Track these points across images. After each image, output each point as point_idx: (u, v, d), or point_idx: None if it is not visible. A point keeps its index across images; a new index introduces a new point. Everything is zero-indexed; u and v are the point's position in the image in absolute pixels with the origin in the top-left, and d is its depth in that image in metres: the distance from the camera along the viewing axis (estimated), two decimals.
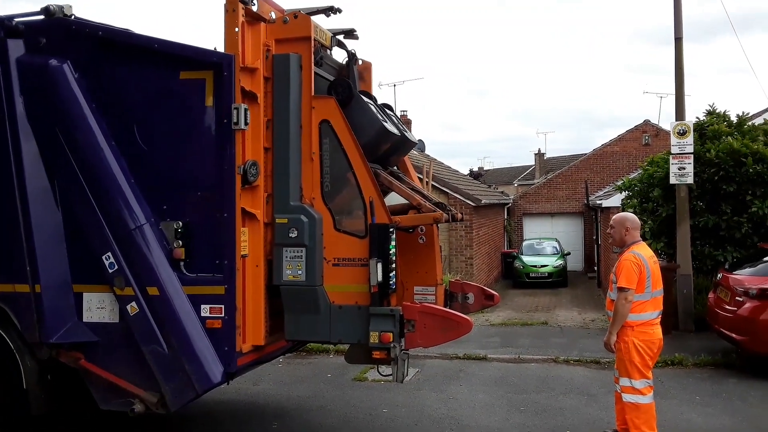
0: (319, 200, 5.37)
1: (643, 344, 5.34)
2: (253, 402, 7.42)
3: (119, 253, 5.06)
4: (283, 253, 5.27)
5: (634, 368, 5.33)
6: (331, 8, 5.87)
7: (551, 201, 31.05)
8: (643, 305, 5.39)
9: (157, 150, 5.24)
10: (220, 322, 5.04)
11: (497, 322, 12.75)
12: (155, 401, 5.09)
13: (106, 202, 5.12)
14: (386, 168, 6.12)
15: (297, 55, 5.36)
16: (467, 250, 19.03)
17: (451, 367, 8.90)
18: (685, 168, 10.60)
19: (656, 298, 5.45)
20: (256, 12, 5.29)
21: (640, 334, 5.34)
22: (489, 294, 6.69)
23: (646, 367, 5.34)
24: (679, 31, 11.18)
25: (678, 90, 11.28)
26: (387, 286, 5.22)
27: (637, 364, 5.32)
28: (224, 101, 5.05)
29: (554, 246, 25.87)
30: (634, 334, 5.34)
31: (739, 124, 11.81)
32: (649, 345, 5.37)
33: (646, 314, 5.39)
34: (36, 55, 5.30)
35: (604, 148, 31.14)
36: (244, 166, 5.09)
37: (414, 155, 23.39)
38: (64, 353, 5.27)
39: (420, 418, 6.70)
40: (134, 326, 5.06)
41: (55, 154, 5.22)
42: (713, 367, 8.62)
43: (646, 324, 5.39)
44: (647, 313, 5.39)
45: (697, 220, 11.01)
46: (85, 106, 5.22)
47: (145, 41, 5.28)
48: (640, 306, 5.37)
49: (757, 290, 8.01)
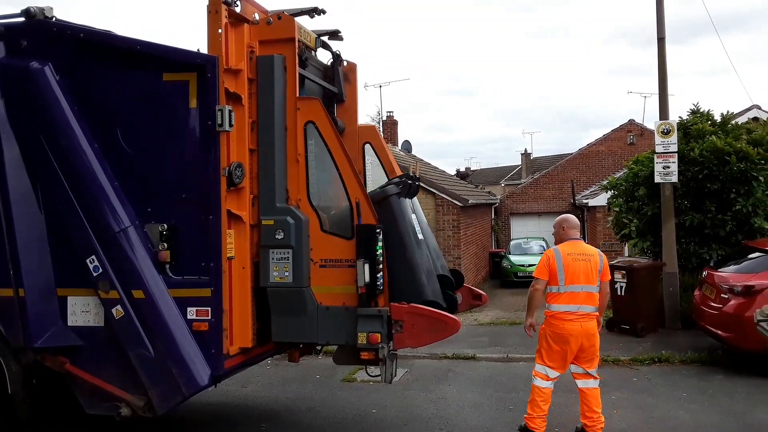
0: (305, 201, 5.36)
1: (551, 335, 5.68)
2: (241, 404, 7.38)
3: (103, 256, 5.02)
4: (270, 255, 5.26)
5: (538, 353, 5.81)
6: (315, 9, 5.88)
7: (538, 200, 31.17)
8: (557, 297, 5.66)
9: (140, 152, 5.21)
10: (206, 325, 5.02)
11: (485, 322, 12.76)
12: (142, 405, 5.06)
13: (89, 205, 5.08)
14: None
15: (281, 57, 5.35)
16: (455, 250, 19.05)
17: (439, 367, 8.90)
18: (669, 167, 10.67)
19: (572, 293, 5.62)
20: (239, 13, 5.27)
21: (549, 326, 5.70)
22: (477, 294, 6.70)
23: (548, 356, 5.71)
24: (661, 32, 11.25)
25: (661, 90, 11.34)
26: (374, 286, 5.21)
27: (542, 350, 5.77)
28: (208, 103, 5.02)
29: (541, 245, 25.94)
30: (546, 323, 5.74)
31: (722, 123, 11.89)
32: (555, 338, 5.65)
33: (558, 306, 5.65)
34: (17, 58, 5.25)
35: (590, 147, 31.31)
36: (229, 167, 5.07)
37: (401, 156, 23.40)
38: (49, 358, 5.23)
39: (409, 419, 6.69)
40: (120, 330, 5.03)
41: (38, 157, 5.17)
42: (700, 364, 8.68)
43: (556, 316, 5.65)
44: (559, 305, 5.64)
45: (682, 218, 11.08)
46: (67, 108, 5.19)
47: (128, 43, 5.25)
48: (554, 297, 5.68)
49: (741, 287, 8.07)
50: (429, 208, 18.65)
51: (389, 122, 28.46)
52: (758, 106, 18.08)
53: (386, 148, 6.79)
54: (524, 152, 44.56)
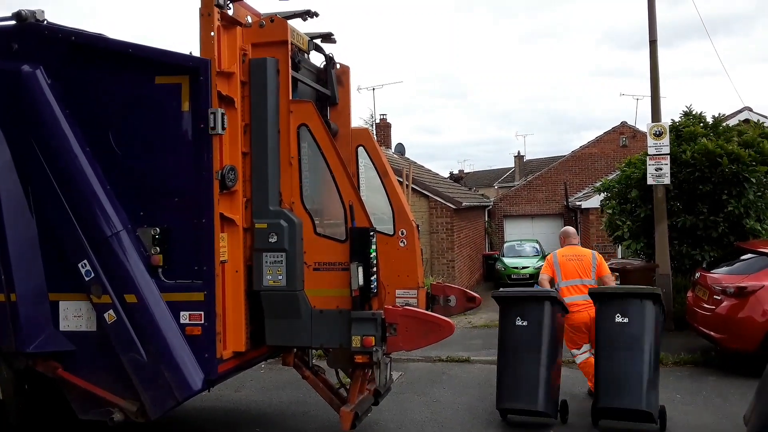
0: (298, 205, 5.35)
1: (567, 324, 6.86)
2: (235, 408, 7.35)
3: (95, 261, 5.00)
4: (263, 259, 5.24)
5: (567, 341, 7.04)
6: (308, 12, 5.86)
7: (531, 203, 31.25)
8: (562, 292, 6.91)
9: (133, 156, 5.19)
10: (199, 329, 5.00)
11: (480, 324, 12.74)
12: (135, 410, 5.04)
13: (81, 209, 5.05)
14: None
15: (274, 59, 5.34)
16: (448, 252, 19.07)
17: (434, 369, 8.89)
18: (661, 169, 10.70)
19: (569, 287, 6.98)
20: (231, 16, 5.26)
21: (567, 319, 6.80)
22: (471, 296, 6.70)
23: (569, 341, 7.04)
24: (653, 34, 11.29)
25: (653, 92, 11.37)
26: (368, 289, 5.20)
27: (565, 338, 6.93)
28: (201, 106, 5.01)
29: (535, 247, 25.99)
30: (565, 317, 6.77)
31: (714, 126, 11.94)
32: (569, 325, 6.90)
33: (566, 299, 6.80)
34: (8, 61, 5.23)
35: (583, 150, 31.41)
36: (222, 171, 5.06)
37: (394, 159, 23.41)
38: (41, 363, 5.20)
39: (403, 422, 6.68)
40: (112, 334, 5.00)
41: (29, 161, 5.15)
42: (693, 365, 8.69)
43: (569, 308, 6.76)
44: (565, 297, 6.82)
45: (675, 220, 11.12)
46: (59, 112, 5.16)
47: (119, 46, 5.23)
48: (560, 292, 6.86)
49: (734, 288, 8.10)
50: (422, 210, 18.66)
51: (382, 125, 28.48)
52: (749, 108, 18.16)
53: (379, 150, 6.78)
54: (517, 154, 44.65)
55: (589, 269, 6.97)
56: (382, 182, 6.35)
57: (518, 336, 6.30)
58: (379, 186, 6.30)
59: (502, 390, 6.35)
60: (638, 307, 6.11)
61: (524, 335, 6.26)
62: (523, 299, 6.51)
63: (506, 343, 6.42)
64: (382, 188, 6.28)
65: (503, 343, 6.47)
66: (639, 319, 6.07)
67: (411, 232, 6.18)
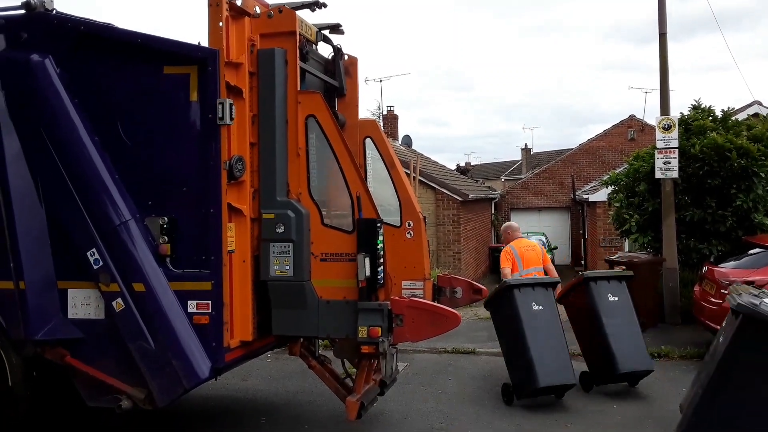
0: (306, 195, 5.36)
1: None
2: (241, 397, 7.40)
3: (104, 249, 5.01)
4: (270, 249, 5.26)
5: None
6: (316, 3, 5.85)
7: (538, 196, 31.19)
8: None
9: (141, 145, 5.20)
10: (207, 318, 5.02)
11: (485, 316, 12.65)
12: (142, 397, 5.06)
13: (90, 198, 5.07)
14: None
15: (282, 50, 5.34)
16: (455, 244, 19.08)
17: (439, 361, 8.91)
18: (670, 162, 10.66)
19: (529, 274, 7.92)
20: (240, 6, 5.26)
21: None
22: (477, 288, 6.71)
23: None
24: (663, 27, 11.22)
25: (662, 85, 11.31)
26: (375, 280, 5.22)
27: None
28: (209, 96, 5.01)
29: (542, 240, 25.93)
30: None
31: (723, 119, 11.87)
32: None
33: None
34: (17, 50, 5.23)
35: (591, 143, 31.30)
36: (230, 161, 5.07)
37: (401, 150, 23.38)
38: (49, 350, 5.23)
39: (408, 412, 6.71)
40: (120, 322, 5.03)
41: (38, 150, 5.16)
42: (699, 359, 8.64)
43: None
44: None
45: (683, 214, 11.07)
46: (68, 101, 5.17)
47: (128, 36, 5.23)
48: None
49: (741, 283, 8.06)
50: (429, 202, 18.65)
51: (389, 117, 28.45)
52: (759, 102, 18.05)
53: (387, 142, 6.78)
54: (524, 147, 44.59)
55: (539, 258, 8.23)
56: (390, 174, 6.36)
57: (537, 320, 6.85)
58: (387, 177, 6.30)
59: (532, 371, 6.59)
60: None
61: (542, 319, 6.88)
62: (536, 285, 7.15)
63: (525, 328, 6.80)
64: (389, 180, 6.28)
65: (523, 328, 6.79)
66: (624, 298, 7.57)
67: (418, 224, 6.18)
